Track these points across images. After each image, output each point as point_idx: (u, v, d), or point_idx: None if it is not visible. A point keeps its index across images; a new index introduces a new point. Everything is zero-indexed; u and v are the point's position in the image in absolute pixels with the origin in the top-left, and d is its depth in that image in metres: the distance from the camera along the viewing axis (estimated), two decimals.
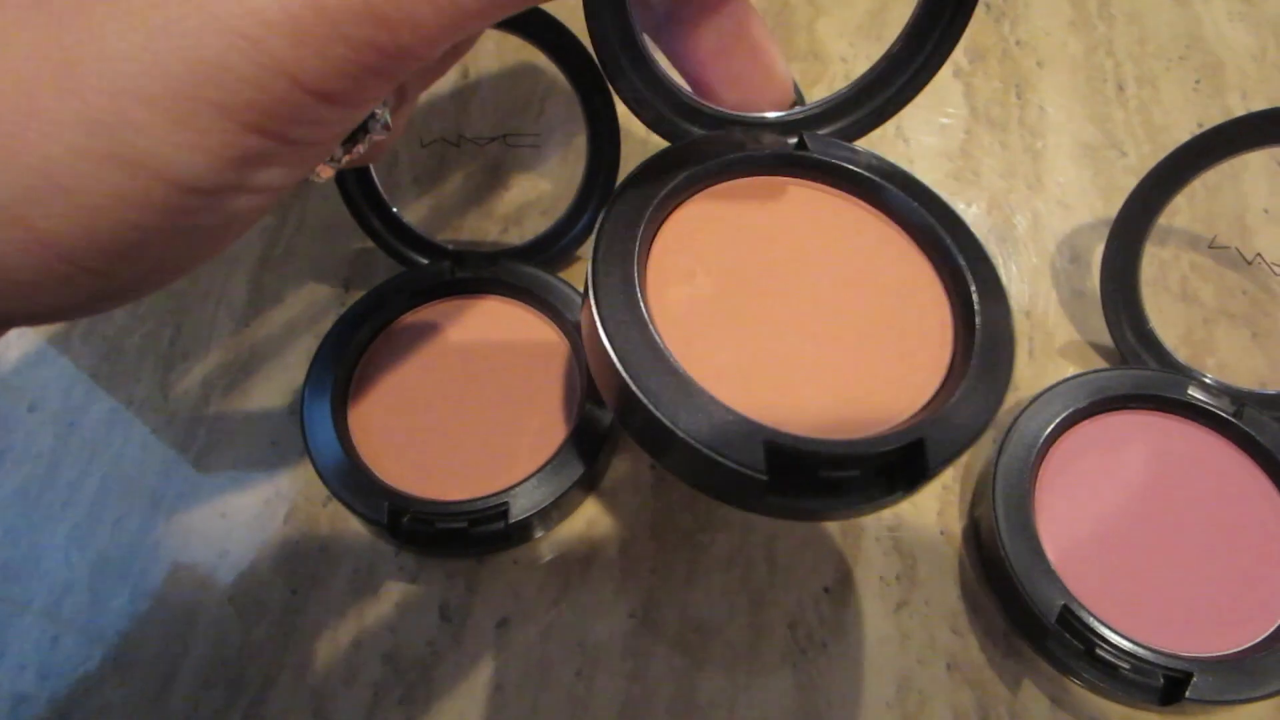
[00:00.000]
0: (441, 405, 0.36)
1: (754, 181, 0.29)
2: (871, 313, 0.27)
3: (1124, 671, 0.30)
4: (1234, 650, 0.31)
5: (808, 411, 0.25)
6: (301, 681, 0.33)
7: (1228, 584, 0.32)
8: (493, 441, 0.35)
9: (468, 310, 0.38)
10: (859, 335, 0.27)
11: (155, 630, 0.34)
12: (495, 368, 0.37)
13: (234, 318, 0.41)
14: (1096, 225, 0.42)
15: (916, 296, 0.28)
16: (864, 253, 0.29)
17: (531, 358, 0.37)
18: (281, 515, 0.36)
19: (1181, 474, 0.35)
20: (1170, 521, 0.34)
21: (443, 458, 0.34)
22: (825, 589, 0.34)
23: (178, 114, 0.16)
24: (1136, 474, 0.35)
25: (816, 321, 0.27)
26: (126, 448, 0.38)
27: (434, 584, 0.34)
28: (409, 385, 0.36)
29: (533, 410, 0.35)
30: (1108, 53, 0.48)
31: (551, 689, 0.32)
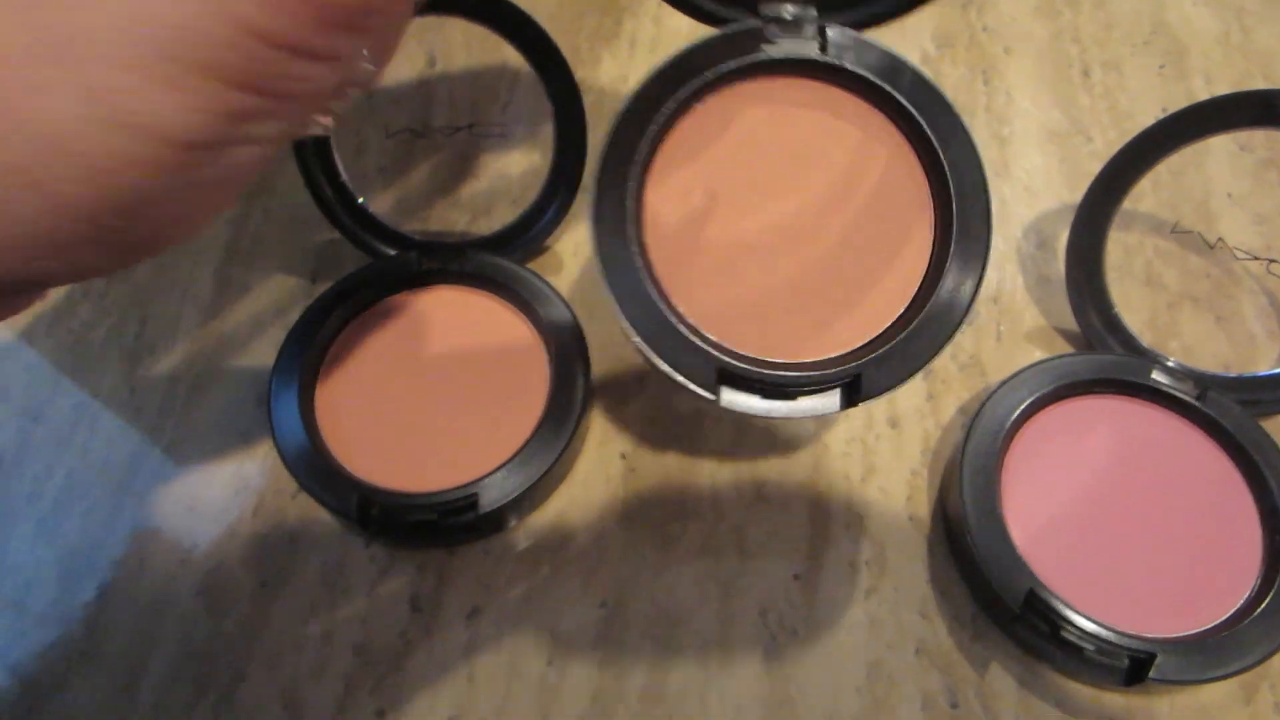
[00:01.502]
0: (410, 396, 0.36)
1: (767, 85, 0.28)
2: (853, 234, 0.28)
3: (1089, 653, 0.31)
4: (1197, 631, 0.32)
5: (768, 332, 0.27)
6: (271, 674, 0.33)
7: (1191, 566, 0.33)
8: (462, 432, 0.35)
9: (435, 301, 0.38)
10: (835, 258, 0.28)
11: (123, 624, 0.34)
12: (464, 359, 0.36)
13: (200, 310, 0.40)
14: (1063, 211, 0.43)
15: (904, 218, 0.28)
16: (862, 174, 0.29)
17: (500, 349, 0.37)
18: (250, 508, 0.36)
19: (1145, 458, 0.35)
20: (1134, 505, 0.34)
21: (412, 448, 0.34)
22: (795, 576, 0.34)
23: (165, 77, 0.17)
24: (1101, 458, 0.35)
25: (798, 243, 0.28)
26: (93, 441, 0.37)
27: (405, 575, 0.34)
28: (377, 376, 0.36)
29: (502, 401, 0.35)
30: (1073, 38, 0.48)
31: (523, 678, 0.32)
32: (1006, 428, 0.34)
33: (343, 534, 0.35)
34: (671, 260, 0.27)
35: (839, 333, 0.28)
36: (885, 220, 0.28)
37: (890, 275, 0.28)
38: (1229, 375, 0.37)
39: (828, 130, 0.29)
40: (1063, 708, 0.32)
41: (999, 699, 0.32)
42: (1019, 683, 0.32)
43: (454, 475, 0.33)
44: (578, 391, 0.35)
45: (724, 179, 0.28)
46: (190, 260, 0.42)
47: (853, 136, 0.29)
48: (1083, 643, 0.31)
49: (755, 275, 0.28)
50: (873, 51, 0.28)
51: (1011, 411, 0.35)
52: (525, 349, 0.37)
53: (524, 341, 0.37)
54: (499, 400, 0.35)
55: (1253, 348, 0.39)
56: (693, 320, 0.27)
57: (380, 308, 0.38)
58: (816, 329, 0.28)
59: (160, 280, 0.41)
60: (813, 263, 0.28)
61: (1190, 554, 0.33)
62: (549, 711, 0.32)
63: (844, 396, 0.27)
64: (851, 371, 0.26)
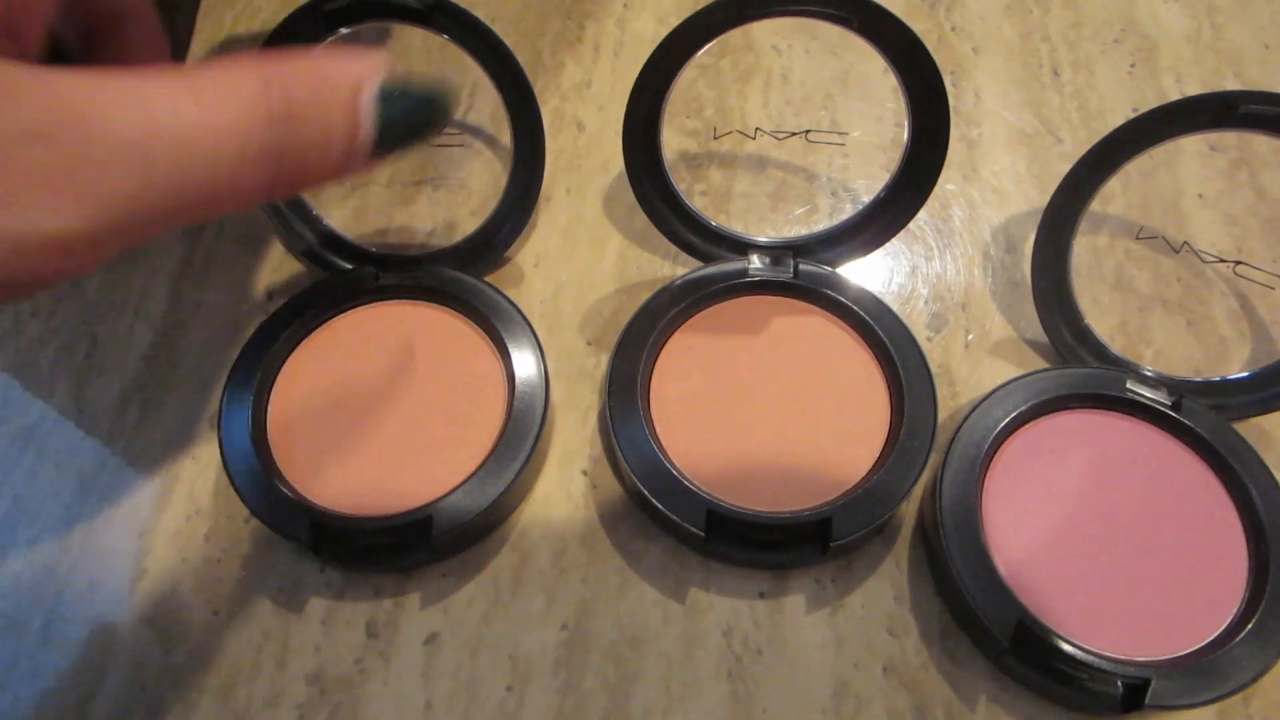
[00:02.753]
0: (364, 416, 0.35)
1: (752, 300, 0.38)
2: (826, 415, 0.35)
3: (1083, 682, 0.30)
4: (1190, 650, 0.31)
5: (752, 486, 0.33)
6: (224, 705, 0.32)
7: (1180, 582, 0.32)
8: (417, 452, 0.34)
9: (392, 317, 0.37)
10: (810, 430, 0.35)
11: (70, 655, 0.33)
12: (420, 376, 0.36)
13: (152, 328, 0.39)
14: (1033, 214, 0.42)
15: (864, 403, 0.35)
16: (829, 366, 0.36)
17: (457, 365, 0.36)
18: (202, 533, 0.35)
19: (1125, 473, 0.34)
20: (1117, 523, 0.33)
21: (366, 470, 0.34)
22: (760, 594, 0.34)
23: None
24: (1080, 477, 0.34)
25: (778, 417, 0.35)
26: (40, 465, 0.36)
27: (360, 600, 0.33)
28: (331, 396, 0.35)
29: (458, 419, 0.35)
30: (1043, 37, 0.48)
31: (482, 705, 0.32)
32: (984, 451, 0.34)
33: (297, 559, 0.34)
34: (671, 426, 0.35)
35: (812, 488, 0.34)
36: (845, 394, 0.36)
37: (854, 436, 0.35)
38: (1201, 380, 0.36)
39: (798, 332, 0.37)
40: None
41: (968, 716, 0.32)
42: (989, 699, 0.32)
43: (409, 497, 0.32)
44: (537, 408, 0.34)
45: (715, 366, 0.36)
46: (143, 277, 0.41)
47: (817, 337, 0.37)
48: (1076, 672, 0.30)
49: (741, 439, 0.35)
50: (835, 278, 0.37)
51: (988, 434, 0.34)
52: (483, 364, 0.36)
53: (482, 356, 0.36)
54: (455, 418, 0.35)
55: (1223, 351, 0.39)
56: (687, 471, 0.33)
57: (336, 324, 0.37)
58: (792, 484, 0.34)
59: (111, 298, 0.40)
60: (789, 428, 0.35)
61: (1177, 570, 0.32)
62: None
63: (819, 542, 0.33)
64: (822, 516, 0.32)
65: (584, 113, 0.45)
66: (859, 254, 0.38)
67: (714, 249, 0.38)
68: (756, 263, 0.37)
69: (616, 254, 0.41)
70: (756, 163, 0.44)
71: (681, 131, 0.44)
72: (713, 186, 0.43)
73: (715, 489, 0.33)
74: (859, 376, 0.36)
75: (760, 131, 0.43)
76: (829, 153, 0.44)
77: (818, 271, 0.37)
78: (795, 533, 0.33)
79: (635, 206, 0.37)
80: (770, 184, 0.43)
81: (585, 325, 0.39)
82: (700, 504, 0.32)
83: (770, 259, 0.38)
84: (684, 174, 0.43)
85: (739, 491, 0.33)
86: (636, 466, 0.33)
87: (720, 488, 0.33)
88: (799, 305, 0.37)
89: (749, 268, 0.37)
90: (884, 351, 0.36)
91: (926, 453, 0.33)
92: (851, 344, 0.37)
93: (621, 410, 0.34)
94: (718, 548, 0.33)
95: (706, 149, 0.44)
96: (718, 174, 0.43)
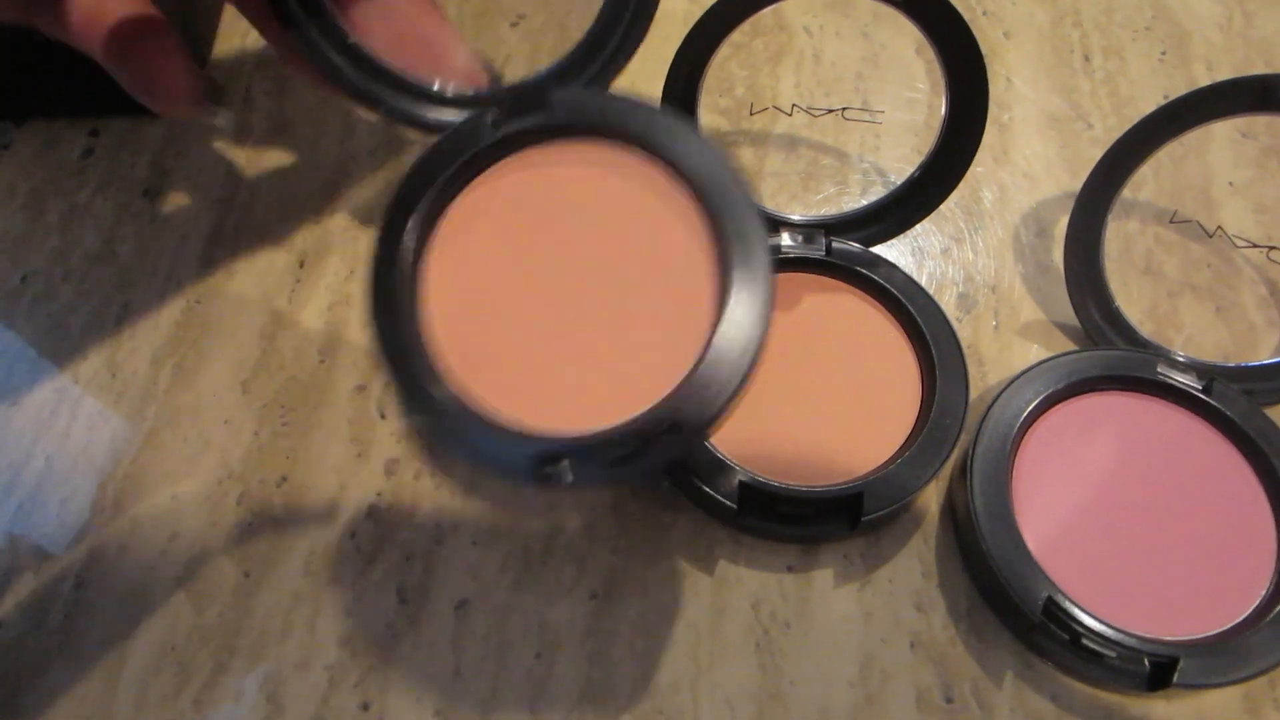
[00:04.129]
0: None
1: (784, 277, 0.38)
2: (857, 392, 0.35)
3: (1110, 660, 0.30)
4: (1218, 630, 0.31)
5: (783, 461, 0.34)
6: (254, 666, 0.32)
7: (1208, 563, 0.32)
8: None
9: None
10: (841, 406, 0.35)
11: (104, 614, 0.33)
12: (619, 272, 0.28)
13: (184, 295, 0.40)
14: (1063, 198, 0.42)
15: (896, 381, 0.36)
16: (860, 344, 0.36)
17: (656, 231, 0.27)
18: (234, 496, 0.35)
19: (1155, 454, 0.34)
20: (1147, 503, 0.33)
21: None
22: (789, 568, 0.34)
23: None
24: (1111, 457, 0.34)
25: (809, 393, 0.35)
26: (73, 426, 0.37)
27: (391, 565, 0.34)
28: None
29: None
30: (1074, 23, 0.48)
31: (511, 671, 0.32)
32: (1015, 430, 0.34)
33: (327, 524, 0.34)
34: None
35: (843, 464, 0.34)
36: (876, 371, 0.36)
37: (885, 412, 0.35)
38: (1231, 365, 0.36)
39: (829, 310, 0.37)
40: (1058, 702, 0.32)
41: (994, 693, 0.32)
42: (1015, 675, 0.32)
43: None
44: None
45: None
46: (174, 244, 0.41)
47: (849, 315, 0.37)
48: (1104, 649, 0.30)
49: (772, 414, 0.35)
50: (867, 256, 0.38)
51: (1019, 414, 0.34)
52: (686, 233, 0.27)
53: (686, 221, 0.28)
54: None
55: (1253, 336, 0.39)
56: (719, 445, 0.33)
57: None
58: (822, 460, 0.34)
59: (143, 264, 0.40)
60: (820, 405, 0.35)
61: (1207, 551, 0.32)
62: (536, 705, 0.31)
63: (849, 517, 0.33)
64: (852, 491, 0.32)
65: None
66: (890, 234, 0.38)
67: None
68: (788, 240, 0.38)
69: None
70: (788, 142, 0.44)
71: (713, 110, 0.44)
72: (744, 165, 0.43)
73: (747, 463, 0.33)
74: (890, 355, 0.36)
75: (796, 108, 0.43)
76: (860, 134, 0.44)
77: (850, 250, 0.37)
78: (825, 507, 0.33)
79: None
80: (801, 164, 0.43)
81: None
82: (733, 476, 0.32)
83: (802, 237, 0.38)
84: None
85: (770, 466, 0.33)
86: None
87: (752, 462, 0.33)
88: (830, 283, 0.38)
89: (781, 244, 0.37)
90: (915, 330, 0.36)
91: (958, 431, 0.33)
92: (883, 322, 0.37)
93: None
94: (749, 520, 0.33)
95: (738, 127, 0.44)
96: (749, 153, 0.43)
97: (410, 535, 0.34)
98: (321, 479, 0.35)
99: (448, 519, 0.34)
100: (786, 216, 0.38)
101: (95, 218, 0.42)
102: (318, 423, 0.36)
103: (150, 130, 0.44)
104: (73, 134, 0.44)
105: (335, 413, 0.37)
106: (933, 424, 0.34)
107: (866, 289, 0.37)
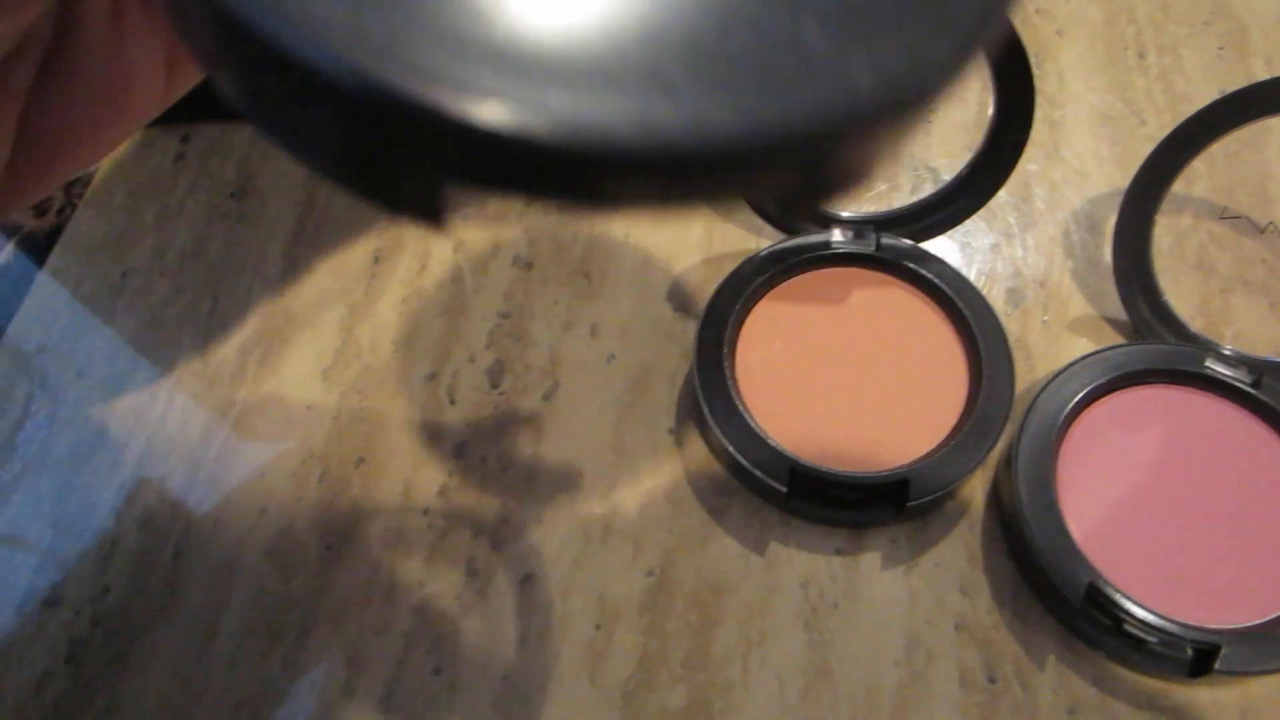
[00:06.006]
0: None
1: (835, 272, 0.39)
2: (905, 382, 0.37)
3: (1152, 645, 0.31)
4: (1261, 620, 0.31)
5: (832, 448, 0.35)
6: (337, 632, 0.34)
7: (1252, 554, 0.33)
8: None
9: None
10: (889, 396, 0.37)
11: (199, 581, 0.36)
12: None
13: (269, 289, 0.42)
14: (1114, 195, 0.43)
15: (943, 373, 0.37)
16: (908, 336, 0.38)
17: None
18: (316, 475, 0.38)
19: (1202, 447, 0.35)
20: (1192, 494, 0.34)
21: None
22: (837, 550, 0.35)
23: None
24: (1157, 449, 0.35)
25: (858, 383, 0.37)
26: (169, 411, 0.40)
27: (460, 541, 0.36)
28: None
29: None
30: (1129, 20, 0.48)
31: (572, 642, 0.34)
32: (1060, 421, 0.35)
33: (403, 503, 0.37)
34: (756, 389, 0.36)
35: (890, 451, 0.35)
36: (924, 363, 0.37)
37: (933, 403, 0.36)
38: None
39: (879, 303, 0.39)
40: (1100, 686, 0.32)
41: (1036, 675, 0.33)
42: (1058, 659, 0.33)
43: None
44: None
45: (798, 333, 0.38)
46: (260, 242, 0.44)
47: (898, 308, 0.39)
48: (1146, 635, 0.31)
49: (822, 402, 0.36)
50: (917, 251, 0.39)
51: (1065, 405, 0.35)
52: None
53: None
54: None
55: None
56: (770, 431, 0.35)
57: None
58: (870, 447, 0.35)
59: (231, 260, 0.43)
60: (868, 394, 0.37)
61: (1252, 542, 0.33)
62: (596, 674, 0.33)
63: (896, 503, 0.34)
64: (900, 477, 0.34)
65: None
66: (940, 230, 0.39)
67: (797, 223, 0.40)
68: (838, 236, 0.39)
69: (702, 227, 0.43)
70: None
71: None
72: None
73: (797, 449, 0.34)
74: (937, 346, 0.37)
75: None
76: None
77: (899, 245, 0.39)
78: (873, 492, 0.34)
79: None
80: None
81: (673, 293, 0.41)
82: (784, 462, 0.34)
83: (853, 232, 0.39)
84: None
85: (819, 452, 0.34)
86: (724, 425, 0.35)
87: (802, 448, 0.34)
88: (880, 277, 0.39)
89: (832, 240, 0.39)
90: (963, 323, 0.37)
91: (1003, 421, 0.34)
92: (931, 315, 0.38)
93: (709, 373, 0.36)
94: (798, 504, 0.35)
95: None
96: None
97: (478, 514, 0.36)
98: (396, 460, 0.38)
99: (512, 500, 0.37)
100: (837, 214, 0.39)
101: (188, 218, 0.45)
102: (392, 408, 0.39)
103: (238, 136, 0.47)
104: (166, 139, 0.47)
105: (408, 399, 0.39)
106: (979, 414, 0.35)
107: (915, 283, 0.38)
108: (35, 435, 0.39)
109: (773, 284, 0.39)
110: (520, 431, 0.38)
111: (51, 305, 0.43)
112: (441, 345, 0.40)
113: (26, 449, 0.39)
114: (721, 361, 0.36)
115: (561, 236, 0.43)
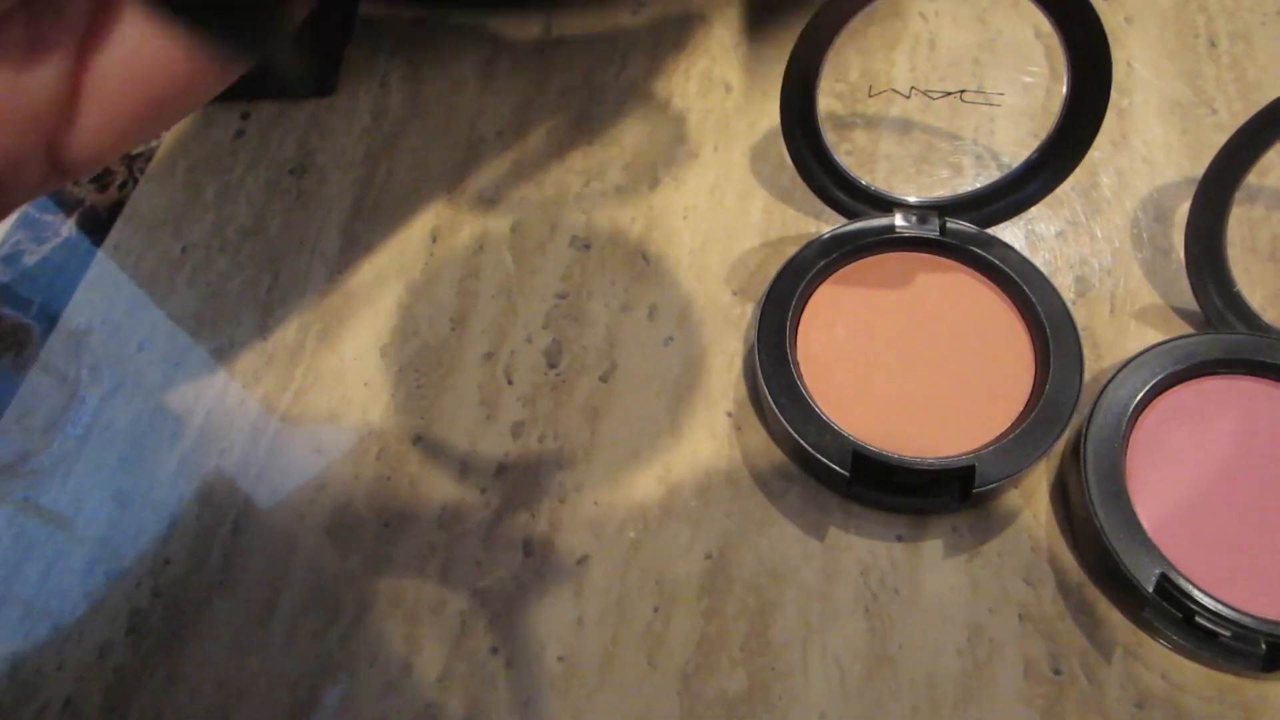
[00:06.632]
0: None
1: (898, 256, 0.39)
2: (969, 369, 0.36)
3: (1225, 639, 0.30)
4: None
5: (895, 434, 0.35)
6: (394, 608, 0.34)
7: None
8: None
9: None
10: (953, 383, 0.36)
11: (258, 556, 0.36)
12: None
13: (327, 266, 0.42)
14: (1183, 184, 0.42)
15: (1009, 359, 0.36)
16: (974, 322, 0.37)
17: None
18: (374, 452, 0.38)
19: (1274, 437, 0.34)
20: (1265, 486, 0.33)
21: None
22: (898, 537, 0.35)
23: None
24: (1228, 439, 0.34)
25: (922, 369, 0.36)
26: (229, 386, 0.40)
27: (517, 521, 0.36)
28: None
29: None
30: (1199, 8, 0.47)
31: (629, 624, 0.34)
32: (1130, 411, 0.34)
33: (460, 482, 0.37)
34: (817, 372, 0.36)
35: (954, 438, 0.34)
36: (990, 349, 0.37)
37: (998, 390, 0.36)
38: None
39: (943, 288, 0.38)
40: (1169, 679, 0.32)
41: (1103, 667, 0.32)
42: (1125, 652, 0.32)
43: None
44: None
45: (860, 318, 0.38)
46: (319, 219, 0.44)
47: (963, 293, 0.38)
48: (1218, 628, 0.30)
49: (884, 388, 0.36)
50: (982, 236, 0.38)
51: (1134, 395, 0.34)
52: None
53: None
54: None
55: None
56: (832, 415, 0.35)
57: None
58: (934, 434, 0.35)
59: (290, 237, 0.43)
60: (933, 380, 0.36)
61: None
62: (654, 656, 0.33)
63: (960, 490, 0.34)
64: (965, 464, 0.33)
65: (731, 74, 0.47)
66: (1004, 217, 0.39)
67: (860, 206, 0.39)
68: (902, 220, 0.38)
69: (761, 210, 0.42)
70: (902, 126, 0.44)
71: (828, 94, 0.45)
72: (858, 148, 0.44)
73: (859, 434, 0.34)
74: (1004, 333, 0.37)
75: (915, 90, 0.44)
76: (975, 118, 0.44)
77: (965, 230, 0.38)
78: (937, 478, 0.34)
79: (780, 164, 0.39)
80: (915, 146, 0.44)
81: (731, 276, 0.41)
82: (846, 446, 0.33)
83: (917, 217, 0.38)
84: (830, 135, 0.43)
85: (882, 437, 0.34)
86: (785, 409, 0.34)
87: (864, 433, 0.34)
88: (944, 263, 0.38)
89: (895, 224, 0.38)
90: (1030, 309, 0.36)
91: (1071, 410, 0.34)
92: (997, 301, 0.37)
93: (770, 356, 0.36)
94: (860, 490, 0.34)
95: (852, 111, 0.45)
96: (863, 135, 0.44)
97: (535, 494, 0.36)
98: (453, 438, 0.38)
99: (570, 480, 0.37)
100: (901, 198, 0.39)
101: (247, 194, 0.45)
102: (449, 386, 0.39)
103: (297, 113, 0.47)
104: (226, 116, 0.48)
105: (465, 377, 0.39)
106: (1046, 402, 0.34)
107: (981, 268, 0.38)
108: (96, 408, 0.40)
109: (835, 268, 0.38)
110: (577, 412, 0.38)
111: (113, 279, 0.43)
112: (498, 325, 0.40)
113: (88, 421, 0.39)
114: (783, 345, 0.36)
115: (619, 218, 0.43)
